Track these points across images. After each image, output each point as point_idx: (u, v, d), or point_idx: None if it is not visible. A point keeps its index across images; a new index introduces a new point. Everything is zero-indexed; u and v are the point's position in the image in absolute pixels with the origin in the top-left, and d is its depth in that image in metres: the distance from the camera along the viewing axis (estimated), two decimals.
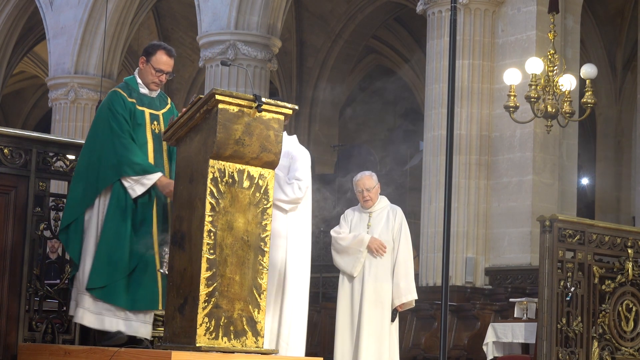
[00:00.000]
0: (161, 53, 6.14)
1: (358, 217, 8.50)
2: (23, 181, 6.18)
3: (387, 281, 8.37)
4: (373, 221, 8.45)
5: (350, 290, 8.39)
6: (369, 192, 8.42)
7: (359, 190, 8.46)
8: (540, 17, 13.18)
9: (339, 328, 8.42)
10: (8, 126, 16.34)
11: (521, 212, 13.11)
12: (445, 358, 5.99)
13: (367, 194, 8.42)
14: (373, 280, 8.32)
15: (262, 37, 16.72)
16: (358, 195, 8.50)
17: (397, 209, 8.50)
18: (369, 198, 8.42)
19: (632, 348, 8.82)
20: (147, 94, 6.16)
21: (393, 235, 8.39)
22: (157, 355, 5.10)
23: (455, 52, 6.27)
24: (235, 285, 5.27)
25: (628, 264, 8.85)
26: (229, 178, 5.31)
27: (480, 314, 12.09)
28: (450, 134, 6.17)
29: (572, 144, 14.03)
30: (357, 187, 8.49)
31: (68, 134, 18.57)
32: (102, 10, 18.64)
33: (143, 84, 6.16)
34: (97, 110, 6.29)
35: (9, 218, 6.10)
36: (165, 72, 6.14)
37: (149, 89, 6.16)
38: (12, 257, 6.08)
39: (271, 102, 5.40)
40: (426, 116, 13.91)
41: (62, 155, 6.36)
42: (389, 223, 8.42)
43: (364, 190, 8.43)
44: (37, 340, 6.10)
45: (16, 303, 6.07)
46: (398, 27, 23.36)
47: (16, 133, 6.25)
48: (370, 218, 8.46)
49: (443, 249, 6.14)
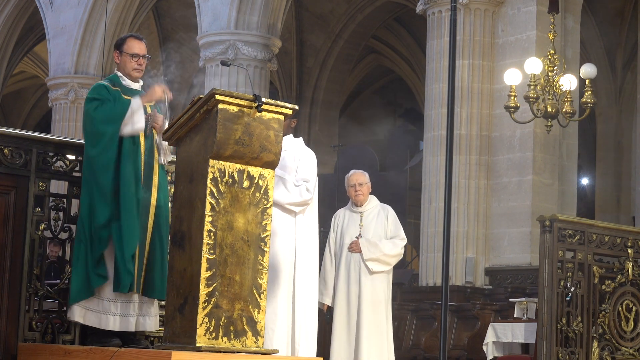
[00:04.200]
0: (130, 40, 6.26)
1: (349, 217, 8.54)
2: (23, 181, 6.17)
3: (383, 281, 8.40)
4: (365, 221, 8.49)
5: (346, 291, 8.40)
6: (361, 186, 8.49)
7: (351, 185, 8.52)
8: (540, 17, 13.18)
9: (336, 329, 8.43)
10: (8, 126, 16.35)
11: (521, 212, 13.11)
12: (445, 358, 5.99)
13: (360, 188, 8.48)
14: (370, 280, 8.34)
15: (262, 37, 16.72)
16: (350, 191, 8.55)
17: (388, 208, 8.57)
18: (360, 193, 8.47)
19: (632, 348, 8.82)
20: (131, 85, 6.20)
21: (387, 235, 8.44)
22: (157, 355, 5.10)
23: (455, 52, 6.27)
24: (235, 285, 5.27)
25: (628, 264, 8.85)
26: (229, 178, 5.31)
27: (480, 314, 12.09)
28: (450, 134, 6.17)
29: (572, 144, 14.03)
30: (349, 182, 8.55)
31: (68, 134, 18.57)
32: (102, 10, 18.64)
33: (125, 75, 6.23)
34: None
35: (9, 218, 6.09)
36: (142, 56, 6.21)
37: (132, 77, 6.22)
38: (12, 257, 6.07)
39: (271, 102, 5.40)
40: (426, 116, 13.91)
41: (62, 155, 6.35)
42: (382, 222, 8.46)
43: (356, 184, 8.49)
44: (37, 340, 6.10)
45: (16, 303, 6.06)
46: (398, 27, 23.36)
47: (16, 133, 6.24)
48: (362, 218, 8.50)
49: (443, 249, 6.14)
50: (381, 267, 8.39)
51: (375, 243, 8.36)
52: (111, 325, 5.92)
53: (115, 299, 5.94)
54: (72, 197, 6.35)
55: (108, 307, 5.93)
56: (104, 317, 5.93)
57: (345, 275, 8.43)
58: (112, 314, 5.94)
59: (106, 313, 5.93)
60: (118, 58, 6.24)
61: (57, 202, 6.32)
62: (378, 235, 8.43)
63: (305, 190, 6.71)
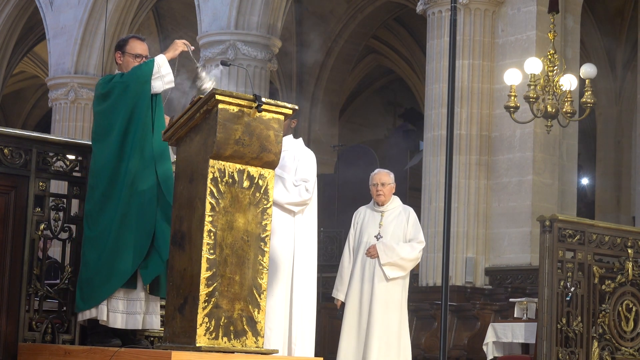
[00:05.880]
0: (133, 40, 6.27)
1: (370, 216, 8.56)
2: (23, 181, 6.17)
3: (398, 283, 8.39)
4: (385, 220, 8.49)
5: (359, 290, 8.41)
6: (383, 186, 8.50)
7: (374, 183, 8.55)
8: (540, 17, 13.18)
9: (345, 328, 8.43)
10: (8, 126, 16.34)
11: (521, 212, 13.11)
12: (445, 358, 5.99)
13: (381, 188, 8.49)
14: (384, 281, 8.33)
15: (262, 37, 16.72)
16: (372, 189, 8.58)
17: (410, 210, 8.57)
18: (382, 193, 8.49)
19: (632, 348, 8.82)
20: None
21: (406, 237, 8.44)
22: (157, 355, 5.10)
23: (455, 52, 6.28)
24: (235, 285, 5.27)
25: (628, 264, 8.85)
26: (229, 178, 5.31)
27: (480, 314, 12.09)
28: (450, 134, 6.17)
29: (572, 144, 14.03)
30: (372, 180, 8.58)
31: (68, 134, 18.57)
32: (102, 10, 18.64)
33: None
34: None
35: (8, 218, 6.09)
36: (144, 56, 6.23)
37: None
38: (12, 257, 6.07)
39: (271, 102, 5.40)
40: (426, 116, 13.91)
41: (62, 155, 6.35)
42: (402, 224, 8.46)
43: (379, 184, 8.52)
44: (37, 340, 6.10)
45: (16, 303, 6.06)
46: (398, 27, 23.35)
47: (16, 133, 6.24)
48: (383, 217, 8.51)
49: (443, 249, 6.15)
50: (398, 273, 8.37)
51: (392, 247, 8.34)
52: (120, 323, 5.91)
53: (122, 297, 5.93)
54: (72, 197, 6.35)
55: (116, 305, 5.93)
56: (112, 314, 5.92)
57: (359, 274, 8.43)
58: (120, 312, 5.92)
59: (114, 311, 5.92)
60: (120, 58, 6.24)
61: (57, 202, 6.31)
62: (397, 236, 8.42)
63: (305, 190, 6.72)
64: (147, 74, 5.97)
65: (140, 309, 5.96)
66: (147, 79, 5.96)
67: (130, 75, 6.01)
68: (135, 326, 5.95)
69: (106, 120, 6.02)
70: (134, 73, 6.01)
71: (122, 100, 5.98)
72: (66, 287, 6.22)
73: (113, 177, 5.93)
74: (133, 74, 6.01)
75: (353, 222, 8.65)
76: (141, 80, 5.97)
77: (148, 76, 5.97)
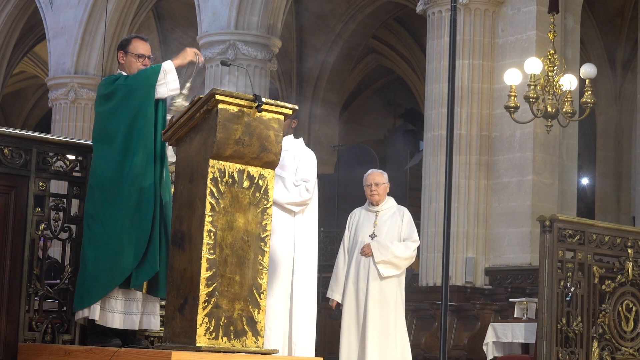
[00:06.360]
0: (136, 40, 6.27)
1: (364, 216, 8.58)
2: (23, 181, 6.17)
3: (393, 282, 8.41)
4: (380, 220, 8.51)
5: (355, 289, 8.43)
6: (377, 186, 8.52)
7: (368, 184, 8.57)
8: (540, 17, 13.18)
9: (345, 328, 8.45)
10: (8, 126, 16.34)
11: (521, 212, 13.11)
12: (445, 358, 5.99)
13: (375, 188, 8.52)
14: (378, 279, 8.35)
15: (262, 37, 16.72)
16: (366, 190, 8.60)
17: (404, 210, 8.58)
18: (376, 192, 8.50)
19: (632, 348, 8.81)
20: None
21: (401, 236, 8.44)
22: (157, 355, 5.10)
23: (455, 52, 6.28)
24: (235, 285, 5.27)
25: (628, 264, 8.85)
26: (229, 178, 5.31)
27: (480, 314, 12.09)
28: (450, 134, 6.17)
29: (572, 144, 14.03)
30: (366, 181, 8.60)
31: (68, 134, 18.57)
32: (102, 10, 18.64)
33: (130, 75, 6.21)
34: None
35: (8, 218, 6.09)
36: (147, 56, 6.23)
37: None
38: (12, 257, 6.07)
39: (271, 102, 5.40)
40: (426, 116, 13.91)
41: (62, 155, 6.35)
42: (396, 223, 8.48)
43: (373, 184, 8.53)
44: (37, 340, 6.10)
45: (16, 303, 6.06)
46: (398, 27, 23.35)
47: (16, 133, 6.24)
48: (377, 217, 8.52)
49: (443, 249, 6.15)
50: (392, 271, 8.38)
51: (387, 245, 8.36)
52: (117, 323, 5.91)
53: (121, 297, 5.93)
54: (72, 197, 6.35)
55: (114, 305, 5.93)
56: (110, 314, 5.92)
57: (355, 273, 8.45)
58: (118, 312, 5.92)
59: (112, 311, 5.92)
60: (123, 58, 6.23)
61: (57, 202, 6.32)
62: (391, 236, 8.44)
63: (305, 190, 6.72)
64: (153, 79, 5.98)
65: (137, 310, 5.96)
66: (152, 85, 5.97)
67: (135, 79, 6.01)
68: (132, 326, 5.95)
69: (108, 122, 6.02)
70: (139, 77, 6.01)
71: (126, 103, 5.98)
72: (66, 287, 6.22)
73: (115, 178, 5.93)
74: (138, 78, 6.01)
75: (348, 224, 8.67)
76: (146, 85, 5.97)
77: (153, 82, 5.98)
